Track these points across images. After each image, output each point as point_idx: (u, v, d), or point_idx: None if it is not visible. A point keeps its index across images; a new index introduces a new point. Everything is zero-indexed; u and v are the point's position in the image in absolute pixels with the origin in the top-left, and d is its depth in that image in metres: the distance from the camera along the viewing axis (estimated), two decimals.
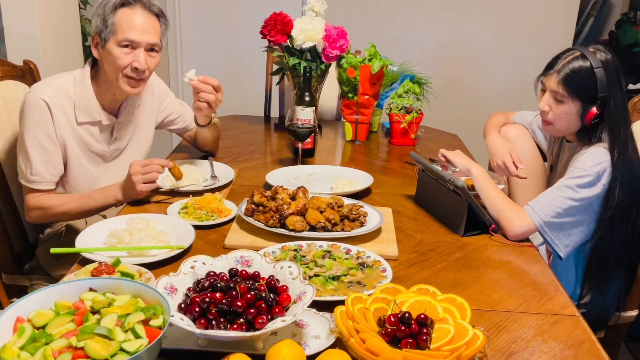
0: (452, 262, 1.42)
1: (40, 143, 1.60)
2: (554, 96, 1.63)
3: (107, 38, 1.59)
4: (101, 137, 1.74)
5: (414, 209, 1.73)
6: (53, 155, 1.63)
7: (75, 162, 1.69)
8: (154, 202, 1.66)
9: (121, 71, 1.61)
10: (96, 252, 1.32)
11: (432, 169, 1.64)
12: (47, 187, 1.65)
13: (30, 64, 1.99)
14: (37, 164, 1.61)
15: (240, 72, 3.79)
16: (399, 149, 2.32)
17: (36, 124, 1.59)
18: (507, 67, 3.72)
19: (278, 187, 1.53)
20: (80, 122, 1.66)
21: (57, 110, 1.61)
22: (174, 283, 1.09)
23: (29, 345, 0.86)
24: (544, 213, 1.52)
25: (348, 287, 1.23)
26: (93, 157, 1.74)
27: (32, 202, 1.65)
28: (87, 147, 1.71)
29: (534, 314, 1.22)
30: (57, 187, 1.71)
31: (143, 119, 1.86)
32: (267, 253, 1.34)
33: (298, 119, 1.97)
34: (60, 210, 1.65)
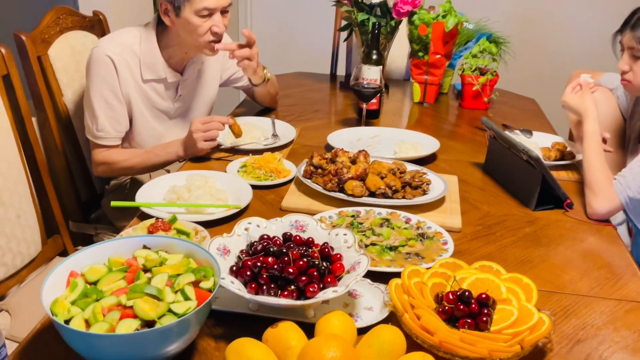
0: (520, 237, 1.33)
1: (105, 99, 1.61)
2: (631, 53, 1.54)
3: (182, 7, 1.56)
4: (166, 95, 1.73)
5: (482, 178, 1.63)
6: (118, 112, 1.64)
7: (140, 118, 1.70)
8: (215, 159, 1.65)
9: (201, 37, 1.60)
10: (155, 207, 1.33)
11: (504, 137, 1.53)
12: (112, 142, 1.67)
13: (99, 15, 2.00)
14: (103, 120, 1.62)
15: (306, 28, 3.70)
16: (470, 113, 2.20)
17: (102, 80, 1.60)
18: (591, 28, 3.44)
19: (338, 150, 1.47)
20: (146, 79, 1.66)
21: (123, 67, 1.61)
22: (227, 244, 1.07)
23: (80, 301, 0.87)
24: (632, 188, 1.39)
25: (405, 258, 1.17)
26: (158, 114, 1.74)
27: (99, 157, 1.68)
28: (152, 104, 1.71)
29: (607, 299, 1.12)
30: (123, 143, 1.73)
31: (208, 77, 1.84)
32: (323, 218, 1.30)
33: (364, 78, 1.89)
34: (125, 165, 1.67)
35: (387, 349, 0.87)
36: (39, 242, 1.57)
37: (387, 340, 0.88)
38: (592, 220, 1.41)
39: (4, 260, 1.43)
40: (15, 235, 1.47)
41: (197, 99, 1.84)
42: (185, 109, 1.82)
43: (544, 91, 2.96)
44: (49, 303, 0.85)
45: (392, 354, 0.87)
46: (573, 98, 1.63)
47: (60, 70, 1.77)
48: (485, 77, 2.15)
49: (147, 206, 1.32)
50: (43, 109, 1.72)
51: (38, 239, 1.57)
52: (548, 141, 1.83)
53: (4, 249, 1.43)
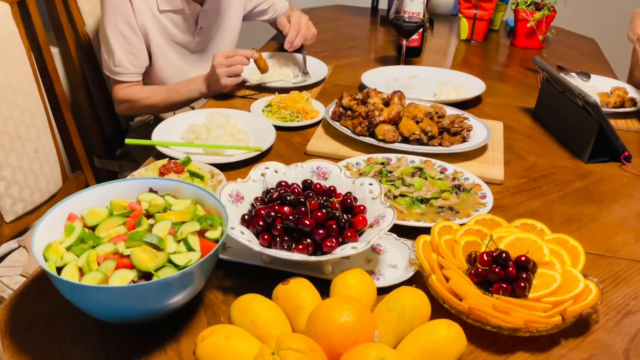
0: (570, 193, 1.19)
1: (121, 32, 1.51)
2: None
3: None
4: (185, 27, 1.62)
5: (531, 125, 1.48)
6: (135, 45, 1.54)
7: (159, 53, 1.60)
8: (239, 96, 1.55)
9: None
10: (171, 146, 1.25)
11: (558, 79, 1.37)
12: (131, 78, 1.58)
13: None
14: (120, 55, 1.53)
15: None
16: (522, 53, 2.01)
17: (115, 12, 1.49)
18: None
19: (371, 90, 1.34)
20: (162, 9, 1.55)
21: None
22: (240, 190, 0.98)
23: (76, 247, 0.80)
24: None
25: (437, 212, 1.06)
26: (178, 48, 1.64)
27: (120, 95, 1.59)
28: (170, 37, 1.60)
29: None
30: (145, 80, 1.64)
31: (231, 8, 1.71)
32: (350, 165, 1.19)
33: (405, 11, 1.72)
34: (147, 103, 1.59)
35: (409, 314, 0.78)
36: (59, 178, 1.53)
37: (410, 305, 0.79)
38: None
39: (22, 196, 1.39)
40: (34, 170, 1.43)
41: (220, 32, 1.72)
42: (207, 43, 1.70)
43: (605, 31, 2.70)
44: (41, 247, 0.79)
45: (414, 320, 0.78)
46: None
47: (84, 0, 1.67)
48: (542, 12, 1.94)
49: (162, 145, 1.24)
50: (64, 39, 1.65)
51: (58, 175, 1.52)
52: (607, 86, 1.65)
53: (21, 185, 1.39)
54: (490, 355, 0.79)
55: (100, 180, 1.71)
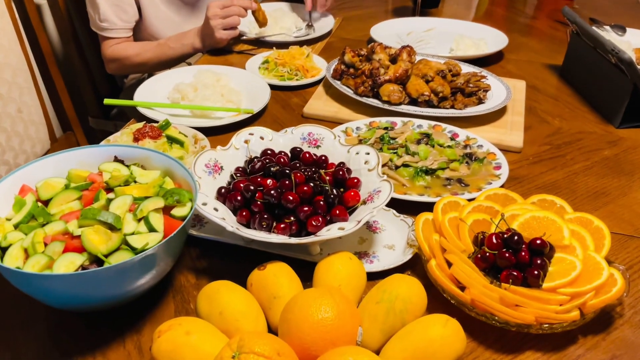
0: (597, 162, 1.05)
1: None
2: None
3: None
4: None
5: (557, 85, 1.33)
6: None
7: (150, 5, 1.47)
8: (236, 52, 1.42)
9: None
10: (153, 107, 1.14)
11: (590, 33, 1.21)
12: (120, 34, 1.46)
13: None
14: (105, 8, 1.41)
15: None
16: (552, 3, 1.83)
17: None
18: None
19: (376, 45, 1.20)
20: None
21: None
22: (220, 160, 0.88)
23: (24, 224, 0.71)
24: None
25: (444, 185, 0.94)
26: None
27: (108, 53, 1.48)
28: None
29: None
30: (136, 35, 1.51)
31: None
32: (349, 129, 1.07)
33: None
34: (138, 61, 1.47)
35: (400, 307, 0.67)
36: (47, 139, 1.44)
37: (401, 297, 0.68)
38: None
39: (5, 158, 1.31)
40: (17, 131, 1.34)
41: None
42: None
43: None
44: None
45: (405, 314, 0.67)
46: None
47: None
48: None
49: (144, 106, 1.13)
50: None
51: (45, 136, 1.43)
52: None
53: (3, 147, 1.30)
54: (495, 355, 0.69)
55: (93, 142, 1.62)
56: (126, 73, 1.63)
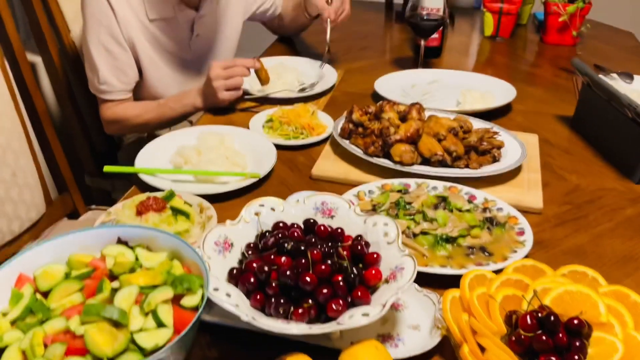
0: (621, 223, 1.01)
1: (105, 46, 1.34)
2: None
3: None
4: (179, 35, 1.45)
5: (569, 137, 1.30)
6: (122, 60, 1.37)
7: (151, 65, 1.43)
8: (239, 109, 1.39)
9: None
10: (156, 174, 1.09)
11: (603, 86, 1.18)
12: (120, 96, 1.41)
13: None
14: (105, 71, 1.37)
15: None
16: (554, 50, 1.81)
17: (97, 23, 1.32)
18: None
19: (384, 103, 1.17)
20: (152, 18, 1.38)
21: (121, 6, 1.32)
22: (229, 236, 0.82)
23: (21, 322, 0.65)
24: None
25: (467, 254, 0.89)
26: (171, 58, 1.46)
27: (107, 114, 1.43)
28: (162, 47, 1.43)
29: None
30: (137, 94, 1.47)
31: (230, 10, 1.54)
32: (362, 193, 1.02)
33: (423, 7, 1.54)
34: (138, 122, 1.42)
35: None
36: (42, 203, 1.38)
37: None
38: None
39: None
40: (11, 197, 1.28)
41: (219, 38, 1.54)
42: (205, 51, 1.53)
43: None
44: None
45: None
46: None
47: (66, 2, 1.52)
48: (575, 5, 1.74)
49: (146, 172, 1.08)
50: (46, 48, 1.50)
51: (40, 200, 1.38)
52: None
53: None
54: None
55: (91, 202, 1.57)
56: (126, 133, 1.59)
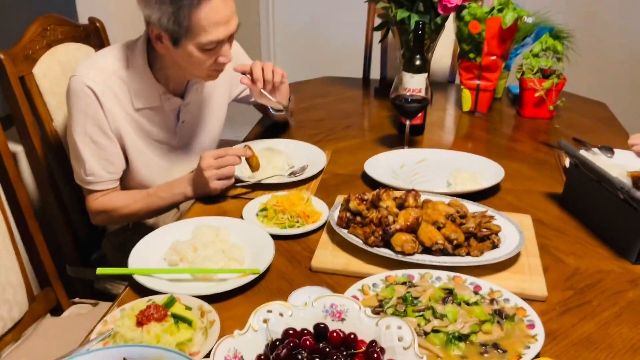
0: (625, 307, 1.01)
1: (91, 138, 1.33)
2: None
3: (181, 39, 1.25)
4: (165, 123, 1.44)
5: (561, 216, 1.31)
6: (109, 151, 1.36)
7: (137, 154, 1.42)
8: (230, 197, 1.37)
9: (204, 69, 1.32)
10: (151, 274, 1.05)
11: (591, 166, 1.21)
12: (107, 186, 1.39)
13: (96, 22, 1.73)
14: (91, 163, 1.35)
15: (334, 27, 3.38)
16: (531, 124, 1.86)
17: (83, 115, 1.31)
18: None
19: (382, 192, 1.17)
20: (138, 108, 1.37)
21: (107, 98, 1.32)
22: (239, 349, 0.79)
23: None
24: None
25: (481, 353, 0.87)
26: (157, 145, 1.45)
27: (94, 205, 1.40)
28: (149, 136, 1.42)
29: None
30: (123, 182, 1.45)
31: (215, 96, 1.55)
32: (366, 287, 1.00)
33: (406, 88, 1.58)
34: (126, 212, 1.40)
35: None
36: (24, 301, 1.32)
37: None
38: None
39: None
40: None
41: (204, 123, 1.54)
42: (190, 137, 1.53)
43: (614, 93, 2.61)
44: None
45: None
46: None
47: (49, 91, 1.50)
48: (550, 80, 1.81)
49: (141, 273, 1.04)
50: (29, 137, 1.47)
51: (23, 298, 1.31)
52: (633, 161, 1.50)
53: None
54: None
55: (73, 294, 1.50)
56: (114, 224, 1.55)
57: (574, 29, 1.98)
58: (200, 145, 1.56)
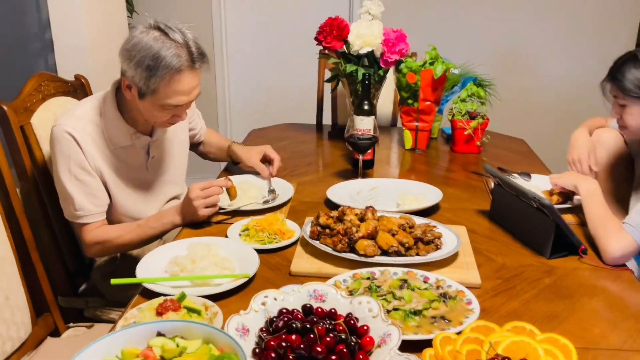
0: (542, 290, 1.28)
1: (76, 177, 1.51)
2: (617, 101, 1.60)
3: (146, 95, 1.46)
4: (137, 160, 1.65)
5: (489, 226, 1.60)
6: (93, 186, 1.55)
7: (117, 188, 1.61)
8: (214, 222, 1.58)
9: (160, 122, 1.55)
10: (158, 282, 1.25)
11: (511, 184, 1.50)
12: (96, 219, 1.57)
13: (81, 79, 1.94)
14: (79, 199, 1.53)
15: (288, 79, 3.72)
16: (463, 158, 2.18)
17: (67, 158, 1.50)
18: (570, 67, 3.54)
19: (345, 208, 1.42)
20: (113, 148, 1.58)
21: (85, 141, 1.52)
22: (245, 323, 1.00)
23: None
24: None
25: (432, 323, 1.11)
26: (133, 180, 1.65)
27: (89, 238, 1.57)
28: (124, 172, 1.62)
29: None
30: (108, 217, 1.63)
31: (179, 130, 1.77)
32: (338, 282, 1.23)
33: (357, 129, 1.86)
34: (120, 242, 1.58)
35: None
36: (29, 323, 1.46)
37: None
38: (609, 266, 1.38)
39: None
40: (5, 318, 1.36)
41: (172, 157, 1.76)
42: (159, 170, 1.73)
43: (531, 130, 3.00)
44: None
45: None
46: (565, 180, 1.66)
47: (44, 139, 1.69)
48: (476, 121, 2.15)
49: (151, 282, 1.23)
50: (27, 179, 1.64)
51: (28, 320, 1.46)
52: (546, 183, 1.82)
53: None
54: None
55: (68, 320, 1.65)
56: (107, 255, 1.71)
57: (494, 78, 2.35)
58: (170, 177, 1.77)
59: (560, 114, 3.59)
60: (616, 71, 1.56)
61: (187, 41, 1.44)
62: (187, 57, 1.43)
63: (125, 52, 1.45)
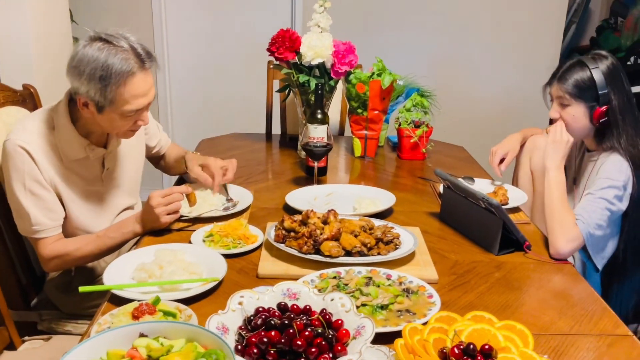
0: (494, 283, 1.38)
1: (32, 191, 1.49)
2: (559, 102, 1.73)
3: (105, 108, 1.45)
4: (92, 172, 1.63)
5: (440, 227, 1.69)
6: (48, 200, 1.52)
7: (72, 201, 1.59)
8: (175, 230, 1.59)
9: (123, 131, 1.55)
10: (125, 288, 1.25)
11: (461, 186, 1.61)
12: (53, 232, 1.54)
13: (30, 89, 1.90)
14: (35, 213, 1.50)
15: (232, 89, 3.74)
16: (410, 164, 2.29)
17: (21, 172, 1.48)
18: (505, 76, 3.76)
19: (309, 212, 1.47)
20: (67, 161, 1.55)
21: (40, 155, 1.49)
22: (225, 322, 1.03)
23: None
24: (591, 225, 1.53)
25: (398, 316, 1.18)
26: (87, 193, 1.63)
27: (46, 252, 1.54)
28: (79, 184, 1.60)
29: (589, 335, 1.19)
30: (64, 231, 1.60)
31: (134, 141, 1.75)
32: (306, 282, 1.28)
33: (311, 137, 1.92)
34: (79, 255, 1.55)
35: None
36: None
37: None
38: (552, 260, 1.51)
39: None
40: None
41: (126, 169, 1.75)
42: (115, 182, 1.72)
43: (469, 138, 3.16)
44: None
45: None
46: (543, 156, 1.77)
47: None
48: (421, 129, 2.26)
49: (119, 288, 1.23)
50: None
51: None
52: (488, 186, 1.95)
53: None
54: None
55: (24, 333, 1.60)
56: (66, 268, 1.67)
57: (435, 89, 2.48)
58: (125, 189, 1.75)
59: (496, 122, 3.80)
60: (565, 73, 1.69)
61: (132, 44, 1.44)
62: (135, 59, 1.43)
63: (73, 70, 1.43)
